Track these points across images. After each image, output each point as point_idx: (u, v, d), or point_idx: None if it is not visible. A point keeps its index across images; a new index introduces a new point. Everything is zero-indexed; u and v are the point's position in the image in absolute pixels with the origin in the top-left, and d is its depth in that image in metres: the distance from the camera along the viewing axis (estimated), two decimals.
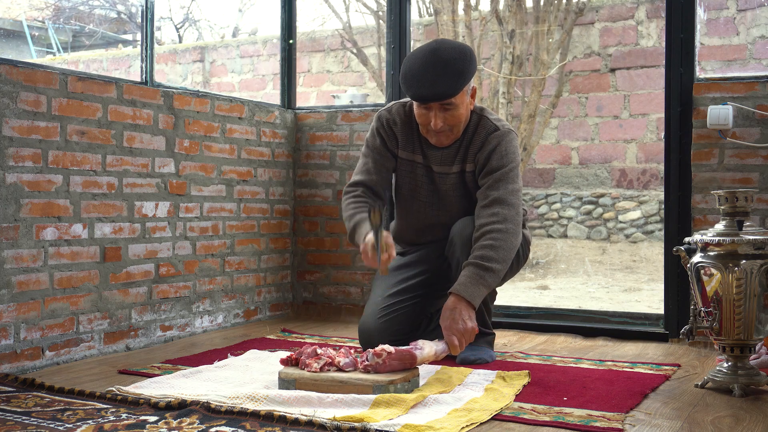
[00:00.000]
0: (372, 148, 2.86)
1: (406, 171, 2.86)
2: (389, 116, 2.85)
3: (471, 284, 2.54)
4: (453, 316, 2.51)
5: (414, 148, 2.83)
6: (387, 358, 2.30)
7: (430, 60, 2.63)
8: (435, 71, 2.61)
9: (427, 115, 2.69)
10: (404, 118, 2.83)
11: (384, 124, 2.85)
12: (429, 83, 2.61)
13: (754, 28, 7.55)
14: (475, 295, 2.54)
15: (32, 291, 2.67)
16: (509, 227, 2.62)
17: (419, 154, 2.83)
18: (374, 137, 2.86)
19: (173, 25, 13.91)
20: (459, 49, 2.67)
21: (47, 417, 2.02)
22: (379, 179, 2.85)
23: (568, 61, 7.87)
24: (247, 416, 2.00)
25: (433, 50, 2.66)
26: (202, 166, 3.38)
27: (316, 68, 9.52)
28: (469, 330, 2.50)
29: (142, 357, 2.87)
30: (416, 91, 2.63)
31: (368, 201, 2.80)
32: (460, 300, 2.53)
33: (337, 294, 3.86)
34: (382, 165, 2.85)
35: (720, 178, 3.12)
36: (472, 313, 2.54)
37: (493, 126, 2.76)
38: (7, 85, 2.59)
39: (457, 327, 2.49)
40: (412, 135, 2.82)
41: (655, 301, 5.55)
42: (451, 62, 2.62)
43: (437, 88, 2.61)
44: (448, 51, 2.65)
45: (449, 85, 2.61)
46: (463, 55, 2.66)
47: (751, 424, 2.04)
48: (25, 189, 2.65)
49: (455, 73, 2.62)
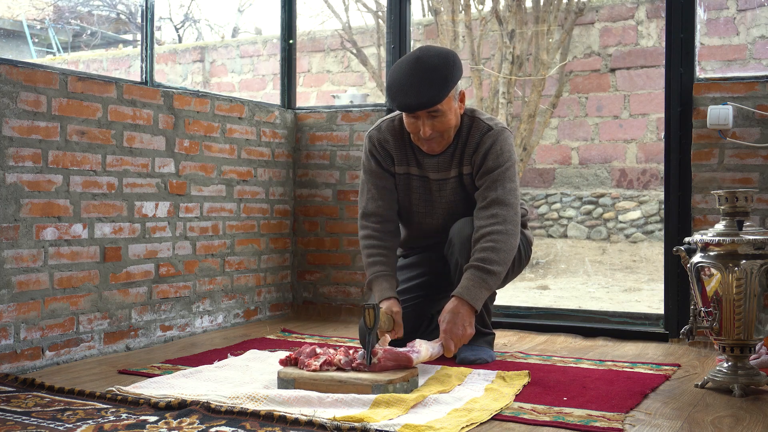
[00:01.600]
0: (370, 173, 2.85)
1: (402, 184, 2.85)
2: (380, 135, 2.83)
3: (473, 287, 2.55)
4: (454, 319, 2.52)
5: (409, 161, 2.82)
6: (382, 357, 2.30)
7: (413, 69, 2.62)
8: (419, 80, 2.59)
9: (416, 124, 2.67)
10: (395, 134, 2.81)
11: (376, 144, 2.83)
12: (414, 92, 2.59)
13: (754, 28, 7.55)
14: (477, 298, 2.55)
15: (32, 291, 2.67)
16: (509, 228, 2.63)
17: (414, 166, 2.82)
18: (369, 160, 2.85)
19: (173, 25, 13.92)
20: (442, 55, 2.65)
21: (47, 417, 2.02)
22: (384, 204, 2.83)
23: (568, 61, 7.87)
24: (247, 416, 2.00)
25: (416, 59, 2.64)
26: (202, 166, 3.38)
27: (316, 68, 9.52)
28: (467, 336, 2.54)
29: (142, 357, 2.87)
30: (402, 101, 2.61)
31: (383, 250, 2.77)
32: (463, 304, 2.54)
33: (337, 294, 3.86)
34: (383, 188, 2.84)
35: (720, 178, 3.12)
36: (473, 318, 2.56)
37: (486, 126, 2.75)
38: (7, 85, 2.59)
39: (456, 331, 2.52)
40: (405, 149, 2.81)
41: (655, 301, 5.55)
42: (434, 69, 2.60)
43: (422, 97, 2.59)
44: (432, 58, 2.63)
45: (434, 93, 2.59)
46: (446, 61, 2.63)
47: (751, 424, 2.04)
48: (25, 189, 2.65)
49: (439, 79, 2.60)
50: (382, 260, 2.75)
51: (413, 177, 2.83)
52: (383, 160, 2.83)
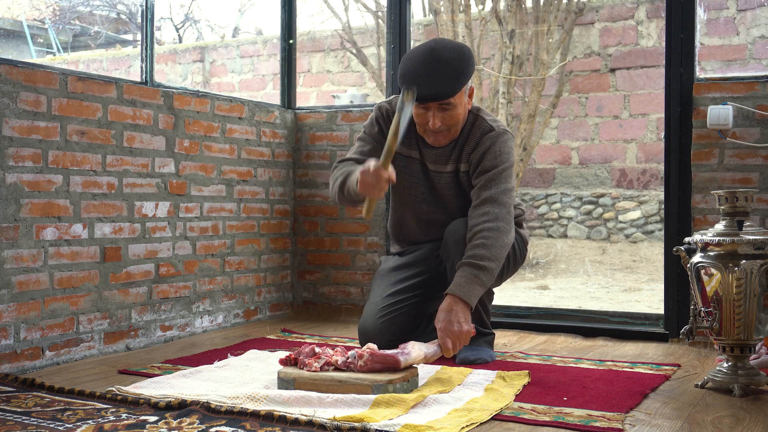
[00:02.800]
0: (370, 135, 2.85)
1: (402, 166, 2.84)
2: (389, 108, 2.84)
3: (466, 284, 2.53)
4: (448, 317, 2.48)
5: (411, 143, 2.82)
6: (368, 360, 2.29)
7: (428, 60, 2.62)
8: (433, 71, 2.60)
9: (425, 115, 2.68)
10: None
11: (384, 114, 2.84)
12: (428, 83, 2.59)
13: (754, 28, 7.55)
14: (470, 294, 2.53)
15: (32, 291, 2.67)
16: (500, 225, 2.61)
17: (415, 150, 2.83)
18: (372, 126, 2.85)
19: (173, 25, 13.91)
20: (457, 49, 2.66)
21: (47, 417, 2.02)
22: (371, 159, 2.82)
23: (568, 61, 7.87)
24: (247, 416, 2.00)
25: (431, 50, 2.64)
26: (202, 166, 3.38)
27: (316, 68, 9.52)
28: (464, 332, 2.47)
29: (142, 357, 2.87)
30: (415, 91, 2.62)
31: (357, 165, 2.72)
32: (456, 301, 2.51)
33: (337, 294, 3.86)
34: (378, 151, 2.81)
35: (720, 178, 3.12)
36: (468, 314, 2.51)
37: (489, 126, 2.76)
38: (7, 85, 2.59)
39: (451, 329, 2.46)
40: (410, 130, 2.80)
41: (655, 301, 5.55)
42: (449, 62, 2.61)
43: (436, 89, 2.59)
44: (447, 51, 2.64)
45: (448, 86, 2.60)
46: (461, 55, 2.64)
47: (751, 424, 2.04)
48: (25, 189, 2.65)
49: (454, 73, 2.61)
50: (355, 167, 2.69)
51: (414, 160, 2.83)
52: (386, 129, 2.81)
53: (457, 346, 2.48)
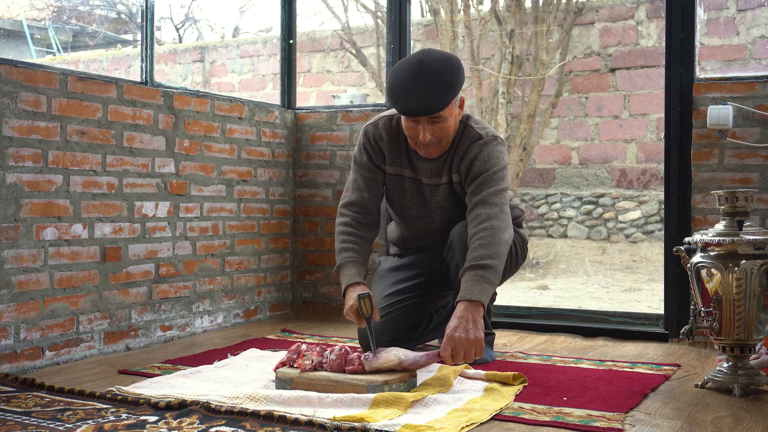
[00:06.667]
0: (360, 165, 2.83)
1: (395, 185, 2.83)
2: (375, 131, 2.80)
3: (473, 286, 2.48)
4: (458, 323, 2.39)
5: (402, 162, 2.80)
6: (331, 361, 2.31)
7: (416, 72, 2.57)
8: (423, 84, 2.55)
9: (416, 128, 2.64)
10: (391, 133, 2.78)
11: (370, 139, 2.80)
12: (417, 97, 2.55)
13: (754, 28, 7.55)
14: (479, 293, 2.45)
15: (32, 291, 2.67)
16: (494, 223, 2.57)
17: (407, 168, 2.80)
18: (361, 153, 2.83)
19: (173, 25, 13.91)
20: (446, 61, 2.61)
21: (47, 417, 2.02)
22: (370, 196, 2.81)
23: (567, 61, 7.87)
24: (247, 416, 2.00)
25: (419, 62, 2.59)
26: (202, 166, 3.38)
27: (316, 68, 9.52)
28: (470, 340, 2.34)
29: (142, 357, 2.87)
30: (404, 105, 2.58)
31: (357, 239, 2.75)
32: (467, 306, 2.42)
33: (337, 294, 3.86)
34: (371, 181, 2.81)
35: (720, 178, 3.12)
36: (480, 318, 2.41)
37: (477, 135, 2.72)
38: (7, 85, 2.59)
39: (456, 335, 2.35)
40: (400, 149, 2.79)
41: (655, 301, 5.55)
42: (438, 74, 2.56)
43: (425, 102, 2.55)
44: (436, 63, 2.59)
45: (438, 99, 2.55)
46: (450, 67, 2.59)
47: (751, 424, 2.04)
48: (25, 189, 2.65)
49: (443, 85, 2.56)
50: (355, 248, 2.71)
51: (406, 179, 2.81)
52: (375, 156, 2.80)
53: (460, 354, 2.35)
